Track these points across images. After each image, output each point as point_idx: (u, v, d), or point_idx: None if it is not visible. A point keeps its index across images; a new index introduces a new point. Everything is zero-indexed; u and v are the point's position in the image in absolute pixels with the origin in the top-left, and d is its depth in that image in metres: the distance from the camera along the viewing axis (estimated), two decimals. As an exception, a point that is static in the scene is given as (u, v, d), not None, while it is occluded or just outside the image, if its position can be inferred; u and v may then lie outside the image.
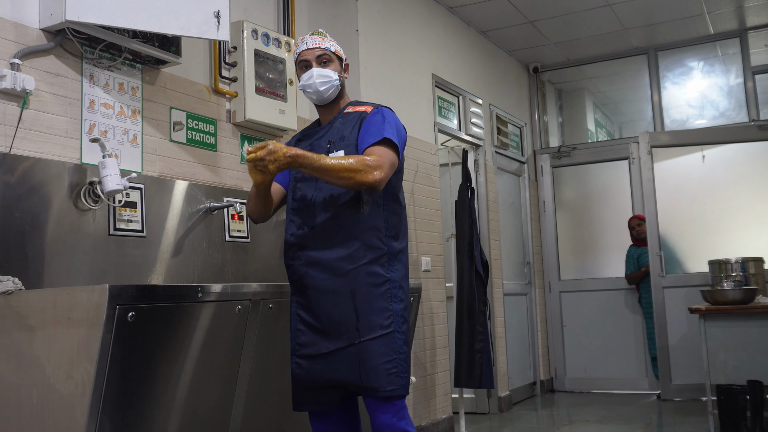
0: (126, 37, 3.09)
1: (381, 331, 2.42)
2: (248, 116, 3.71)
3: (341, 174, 2.34)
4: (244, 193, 3.66)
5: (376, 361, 2.40)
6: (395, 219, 2.56)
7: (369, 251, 2.47)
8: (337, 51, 2.67)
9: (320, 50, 2.62)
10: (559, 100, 7.69)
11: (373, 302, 2.44)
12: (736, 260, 5.36)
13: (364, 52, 4.51)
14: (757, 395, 4.44)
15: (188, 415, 2.52)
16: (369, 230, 2.48)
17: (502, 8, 5.77)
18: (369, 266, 2.46)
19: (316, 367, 2.47)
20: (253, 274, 3.60)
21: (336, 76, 2.61)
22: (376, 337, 2.41)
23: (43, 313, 2.29)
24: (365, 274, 2.45)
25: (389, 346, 2.42)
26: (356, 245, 2.46)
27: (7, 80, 2.67)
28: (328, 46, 2.64)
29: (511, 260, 6.53)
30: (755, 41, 6.57)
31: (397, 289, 2.49)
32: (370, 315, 2.43)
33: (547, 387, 6.89)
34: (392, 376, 2.40)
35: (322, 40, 2.65)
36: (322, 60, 2.61)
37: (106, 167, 2.83)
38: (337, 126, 2.62)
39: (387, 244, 2.50)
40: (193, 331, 2.49)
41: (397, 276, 2.51)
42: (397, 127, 2.55)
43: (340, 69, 2.66)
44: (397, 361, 2.42)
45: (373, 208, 2.51)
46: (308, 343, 2.49)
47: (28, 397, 2.29)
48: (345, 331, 2.43)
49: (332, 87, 2.61)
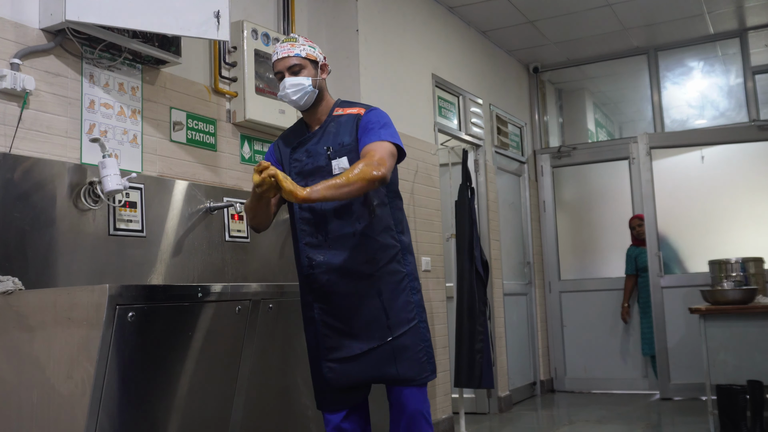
0: (126, 37, 3.09)
1: (408, 324, 2.54)
2: (248, 116, 3.72)
3: (355, 184, 2.34)
4: (244, 193, 3.66)
5: (408, 353, 2.51)
6: (399, 214, 2.65)
7: (387, 251, 2.56)
8: (309, 55, 2.60)
9: (290, 59, 2.58)
10: (559, 100, 7.69)
11: (398, 299, 2.54)
12: (736, 260, 5.36)
13: (364, 52, 4.51)
14: (757, 395, 4.44)
15: (188, 415, 2.52)
16: (383, 231, 2.56)
17: (502, 8, 5.77)
18: (389, 265, 2.55)
19: (349, 369, 2.53)
20: (253, 274, 3.60)
21: (308, 83, 2.57)
22: (406, 331, 2.53)
23: (43, 313, 2.29)
24: (387, 274, 2.54)
25: (417, 336, 2.54)
26: (374, 247, 2.53)
27: (7, 80, 2.68)
28: (298, 52, 2.58)
29: (511, 260, 6.53)
30: (755, 41, 6.57)
31: (413, 280, 2.60)
32: (399, 312, 2.53)
33: (547, 387, 6.89)
34: (424, 363, 2.54)
35: (292, 47, 2.59)
36: (293, 70, 2.58)
37: (106, 167, 2.83)
38: (331, 130, 2.62)
39: (399, 240, 2.60)
40: (193, 331, 2.49)
41: (411, 269, 2.62)
42: (390, 124, 2.58)
43: (315, 72, 2.61)
44: (426, 349, 2.56)
45: (382, 208, 2.58)
46: (338, 347, 2.54)
47: (28, 397, 2.29)
48: (377, 331, 2.51)
49: (306, 94, 2.58)
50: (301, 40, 2.63)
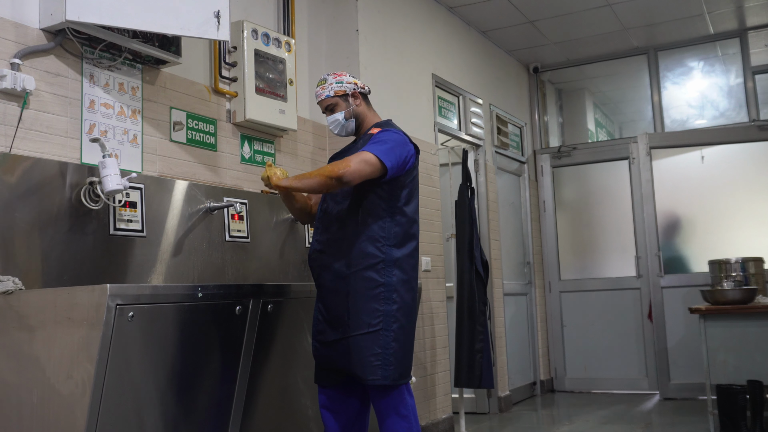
0: (126, 37, 3.09)
1: (367, 328, 2.76)
2: (248, 116, 3.72)
3: (313, 179, 2.73)
4: (244, 193, 3.66)
5: (362, 353, 2.75)
6: (397, 229, 2.86)
7: (364, 258, 2.80)
8: (338, 91, 2.96)
9: (323, 101, 2.99)
10: (559, 100, 7.69)
11: (365, 303, 2.77)
12: (736, 260, 5.36)
13: (364, 52, 4.51)
14: (757, 395, 4.44)
15: (188, 415, 2.52)
16: (366, 240, 2.80)
17: (502, 8, 5.77)
18: (364, 272, 2.79)
19: (324, 352, 2.87)
20: (253, 274, 3.60)
21: (342, 117, 2.97)
22: (363, 334, 2.75)
23: (43, 313, 2.29)
24: (360, 279, 2.79)
25: (375, 341, 2.75)
26: (354, 253, 2.81)
27: (7, 80, 2.68)
28: (328, 93, 2.97)
29: (511, 260, 6.53)
30: (755, 41, 6.57)
31: (391, 292, 2.79)
32: (360, 314, 2.77)
33: (547, 387, 6.89)
34: (376, 368, 2.73)
35: (321, 90, 2.98)
36: (329, 108, 2.99)
37: (106, 167, 2.83)
38: (358, 146, 2.96)
39: (385, 252, 2.81)
40: (193, 331, 2.49)
41: (393, 281, 2.81)
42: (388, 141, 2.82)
43: (347, 104, 2.97)
44: (383, 356, 2.74)
45: (373, 219, 2.82)
46: (321, 331, 2.88)
47: (28, 397, 2.29)
48: (340, 326, 2.81)
49: (342, 126, 2.99)
50: (329, 79, 2.98)
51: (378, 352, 2.73)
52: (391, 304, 2.77)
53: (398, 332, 2.77)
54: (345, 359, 2.79)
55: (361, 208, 2.83)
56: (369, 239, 2.80)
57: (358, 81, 3.03)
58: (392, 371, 2.74)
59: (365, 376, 2.74)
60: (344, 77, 3.00)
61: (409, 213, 2.91)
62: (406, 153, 2.88)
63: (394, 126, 3.02)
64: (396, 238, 2.84)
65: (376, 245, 2.80)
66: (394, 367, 2.75)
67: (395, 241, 2.83)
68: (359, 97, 2.99)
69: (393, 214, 2.85)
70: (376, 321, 2.75)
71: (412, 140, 2.99)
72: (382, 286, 2.78)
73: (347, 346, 2.78)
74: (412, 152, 2.93)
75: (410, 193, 2.93)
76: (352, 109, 2.97)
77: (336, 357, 2.82)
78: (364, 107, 3.01)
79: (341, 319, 2.80)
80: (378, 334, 2.74)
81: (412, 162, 2.93)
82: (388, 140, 2.83)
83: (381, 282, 2.78)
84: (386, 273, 2.79)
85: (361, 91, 3.02)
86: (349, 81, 2.99)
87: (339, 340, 2.80)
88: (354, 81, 3.00)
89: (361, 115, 3.00)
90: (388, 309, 2.76)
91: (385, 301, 2.77)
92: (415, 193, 2.97)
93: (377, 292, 2.77)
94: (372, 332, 2.74)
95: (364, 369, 2.74)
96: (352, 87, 2.98)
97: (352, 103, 2.97)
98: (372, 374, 2.73)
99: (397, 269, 2.81)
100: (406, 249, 2.87)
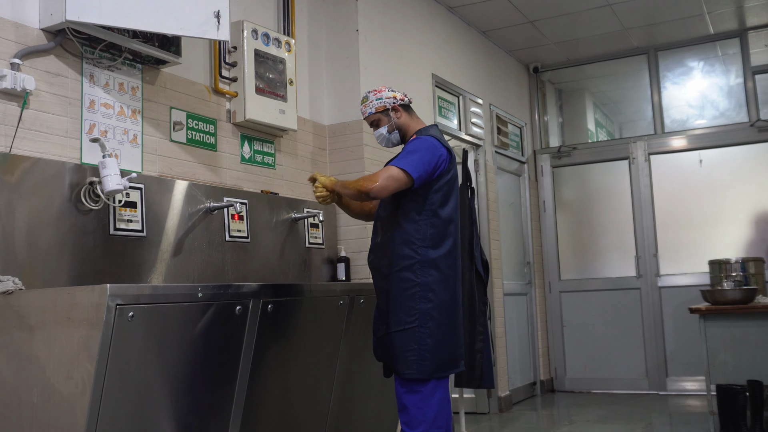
0: (126, 37, 3.09)
1: (405, 326, 2.91)
2: (248, 116, 3.72)
3: (350, 189, 2.94)
4: (244, 193, 3.66)
5: (398, 349, 2.91)
6: (433, 231, 2.96)
7: (401, 260, 2.94)
8: (379, 107, 3.09)
9: (367, 119, 3.14)
10: (559, 100, 7.69)
11: (402, 302, 2.92)
12: (736, 260, 5.37)
13: (364, 52, 4.51)
14: (757, 395, 4.44)
15: (188, 415, 2.52)
16: (402, 243, 2.95)
17: (502, 8, 5.77)
18: (401, 272, 2.94)
19: (376, 345, 3.06)
20: (253, 274, 3.60)
21: (385, 131, 3.12)
22: (401, 330, 2.91)
23: (43, 313, 2.29)
24: (398, 280, 2.94)
25: (412, 337, 2.90)
26: (393, 255, 2.97)
27: (7, 80, 2.68)
28: (370, 110, 3.11)
29: (511, 260, 6.53)
30: (755, 41, 6.57)
31: (427, 291, 2.92)
32: (398, 312, 2.93)
33: (547, 387, 6.89)
34: (411, 362, 2.89)
35: (364, 108, 3.13)
36: (373, 124, 3.14)
37: (106, 167, 2.83)
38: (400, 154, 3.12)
39: (421, 253, 2.94)
40: (193, 331, 2.49)
41: (429, 280, 2.93)
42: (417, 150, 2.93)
43: (388, 118, 3.10)
44: (418, 351, 2.89)
45: (408, 222, 2.96)
46: (376, 328, 3.06)
47: (28, 397, 2.29)
48: (384, 323, 2.98)
49: (386, 140, 3.14)
50: (370, 96, 3.11)
51: (414, 347, 2.89)
52: (426, 303, 2.91)
53: (434, 329, 2.92)
54: (387, 353, 2.97)
55: (399, 212, 2.98)
56: (405, 242, 2.95)
57: (397, 94, 3.11)
58: (427, 365, 2.90)
59: (402, 370, 2.91)
60: (383, 93, 3.10)
61: (444, 215, 2.99)
62: (436, 158, 2.94)
63: (432, 131, 3.09)
64: (432, 239, 2.95)
65: (411, 247, 2.94)
66: (429, 361, 2.90)
67: (431, 243, 2.95)
68: (400, 109, 3.10)
69: (427, 216, 2.96)
70: (412, 318, 2.91)
71: (445, 144, 3.06)
72: (418, 285, 2.92)
73: (387, 342, 2.96)
74: (444, 156, 2.98)
75: (445, 195, 3.00)
76: (393, 122, 3.10)
77: (379, 351, 3.03)
78: (405, 118, 3.12)
79: (383, 317, 2.99)
80: (414, 331, 2.90)
81: (444, 166, 2.98)
82: (418, 149, 2.93)
83: (417, 282, 2.92)
84: (422, 273, 2.92)
85: (401, 103, 3.12)
86: (388, 96, 3.09)
87: (383, 336, 2.99)
88: (393, 95, 3.10)
89: (404, 126, 3.12)
90: (423, 307, 2.91)
91: (422, 299, 2.91)
92: (451, 195, 3.04)
93: (413, 292, 2.92)
94: (409, 329, 2.91)
95: (399, 363, 2.91)
96: (391, 101, 3.09)
97: (393, 116, 3.09)
98: (408, 368, 2.89)
99: (434, 269, 2.94)
100: (443, 249, 2.97)
